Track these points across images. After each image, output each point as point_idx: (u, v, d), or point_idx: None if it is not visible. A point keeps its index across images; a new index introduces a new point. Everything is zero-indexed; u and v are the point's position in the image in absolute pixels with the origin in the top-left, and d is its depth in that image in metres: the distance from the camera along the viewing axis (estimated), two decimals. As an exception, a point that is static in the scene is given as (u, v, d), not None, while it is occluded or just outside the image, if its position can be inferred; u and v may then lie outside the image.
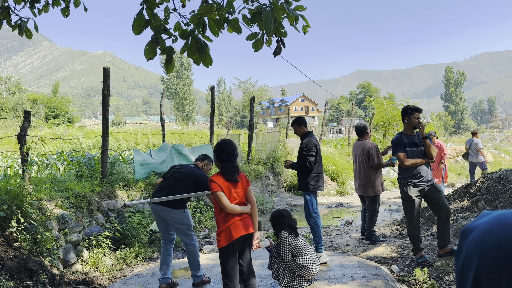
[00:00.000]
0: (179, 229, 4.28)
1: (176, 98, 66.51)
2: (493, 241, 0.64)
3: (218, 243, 3.28)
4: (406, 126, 4.98)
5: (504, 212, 0.69)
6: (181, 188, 4.30)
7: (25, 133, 5.69)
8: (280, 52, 3.37)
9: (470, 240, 0.69)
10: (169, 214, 4.21)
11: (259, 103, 72.58)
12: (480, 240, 0.67)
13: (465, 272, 0.68)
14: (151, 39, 3.17)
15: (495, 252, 0.63)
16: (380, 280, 4.20)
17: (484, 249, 0.65)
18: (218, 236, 3.27)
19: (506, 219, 0.66)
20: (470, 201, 6.36)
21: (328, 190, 12.79)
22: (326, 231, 7.41)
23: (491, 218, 0.69)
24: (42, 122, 24.82)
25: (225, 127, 31.87)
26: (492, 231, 0.66)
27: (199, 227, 8.11)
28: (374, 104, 21.89)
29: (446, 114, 64.15)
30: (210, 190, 3.30)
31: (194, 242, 4.36)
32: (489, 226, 0.67)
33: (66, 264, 5.20)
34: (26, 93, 44.93)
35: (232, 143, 3.44)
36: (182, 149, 9.68)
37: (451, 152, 20.32)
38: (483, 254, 0.65)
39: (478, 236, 0.68)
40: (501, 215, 0.68)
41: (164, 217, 4.26)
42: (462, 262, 0.69)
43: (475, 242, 0.68)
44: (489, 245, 0.64)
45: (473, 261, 0.66)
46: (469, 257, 0.67)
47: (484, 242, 0.66)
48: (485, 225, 0.68)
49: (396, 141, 4.94)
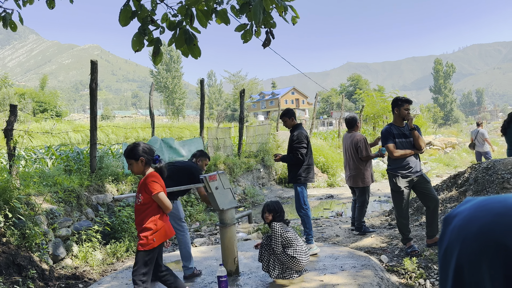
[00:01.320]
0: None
1: (166, 91, 65.99)
2: (475, 227, 0.64)
3: (148, 244, 3.19)
4: (396, 117, 5.01)
5: (485, 198, 0.69)
6: (172, 181, 4.27)
7: (12, 128, 5.61)
8: (269, 44, 3.35)
9: (452, 227, 0.69)
10: None
11: (250, 96, 72.42)
12: (461, 226, 0.67)
13: (447, 259, 0.68)
14: (138, 31, 3.13)
15: (476, 238, 0.63)
16: (369, 270, 4.24)
17: (466, 235, 0.65)
18: (152, 237, 3.19)
19: (487, 205, 0.66)
20: (458, 191, 6.44)
21: (318, 182, 12.85)
22: (316, 223, 7.45)
23: (473, 204, 0.69)
24: (30, 116, 24.49)
25: (215, 121, 31.76)
26: (474, 217, 0.66)
27: (190, 220, 8.10)
28: (364, 96, 22.01)
29: (435, 106, 64.64)
30: (152, 190, 3.20)
31: (185, 231, 4.37)
32: (471, 212, 0.67)
33: (55, 259, 5.16)
34: (13, 87, 44.15)
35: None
36: (172, 143, 9.64)
37: (439, 143, 20.51)
38: (465, 241, 0.65)
39: (460, 223, 0.68)
40: (482, 201, 0.68)
41: None
42: (444, 249, 0.69)
43: (457, 228, 0.68)
44: (471, 232, 0.64)
45: (455, 248, 0.66)
46: (451, 244, 0.68)
47: (466, 228, 0.66)
48: (467, 211, 0.68)
49: (385, 132, 4.97)
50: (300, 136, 5.15)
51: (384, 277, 4.18)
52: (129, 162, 3.31)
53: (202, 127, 10.99)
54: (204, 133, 11.06)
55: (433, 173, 14.19)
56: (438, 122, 54.47)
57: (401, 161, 4.90)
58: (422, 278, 4.28)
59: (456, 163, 16.58)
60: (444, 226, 0.72)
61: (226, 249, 4.32)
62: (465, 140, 23.14)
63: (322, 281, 3.97)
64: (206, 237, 6.83)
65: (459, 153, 19.21)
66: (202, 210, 8.50)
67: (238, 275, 4.34)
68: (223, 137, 12.43)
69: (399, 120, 5.00)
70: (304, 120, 45.29)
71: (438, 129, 37.56)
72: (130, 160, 3.30)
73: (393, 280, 4.31)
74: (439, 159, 17.14)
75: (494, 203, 0.66)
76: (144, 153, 3.31)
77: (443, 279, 0.69)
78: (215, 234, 6.99)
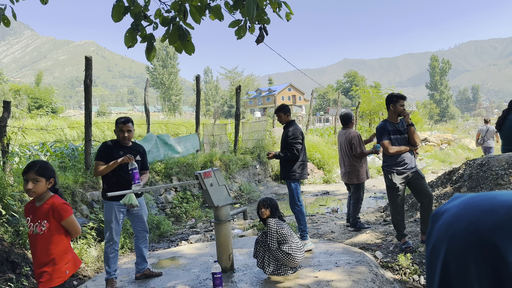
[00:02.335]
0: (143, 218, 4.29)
1: (163, 88, 65.82)
2: (462, 224, 0.64)
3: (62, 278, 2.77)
4: (391, 114, 5.01)
5: (474, 195, 0.69)
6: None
7: (5, 124, 5.58)
8: (262, 40, 3.34)
9: (440, 224, 0.69)
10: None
11: (246, 92, 72.35)
12: (450, 223, 0.67)
13: (434, 256, 0.68)
14: (131, 26, 3.11)
15: (464, 235, 0.63)
16: (364, 266, 4.25)
17: (454, 232, 0.65)
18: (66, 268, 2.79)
19: (475, 202, 0.66)
20: (453, 188, 6.46)
21: (314, 178, 12.87)
22: (312, 219, 7.47)
23: (461, 201, 0.69)
24: (25, 113, 24.37)
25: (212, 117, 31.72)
26: (462, 214, 0.66)
27: (186, 217, 8.10)
28: (360, 93, 22.04)
29: (431, 103, 64.88)
30: (65, 214, 2.77)
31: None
32: (459, 209, 0.67)
33: (50, 256, 5.15)
34: (8, 83, 43.91)
35: None
36: (167, 139, 9.62)
37: (435, 140, 20.58)
38: (452, 238, 0.65)
39: (448, 219, 0.68)
40: (470, 198, 0.68)
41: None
42: (432, 246, 0.69)
43: (445, 225, 0.68)
44: (458, 229, 0.64)
45: (443, 245, 0.66)
46: (439, 241, 0.67)
47: (454, 225, 0.66)
48: (455, 208, 0.68)
49: (380, 129, 4.96)
50: (295, 132, 5.14)
51: (379, 273, 4.19)
52: (36, 179, 2.69)
53: (198, 124, 10.97)
54: (200, 130, 11.04)
55: (428, 169, 14.24)
56: (434, 119, 54.65)
57: (396, 158, 4.90)
58: (416, 274, 4.30)
59: (452, 160, 16.65)
60: (432, 222, 0.72)
61: (221, 246, 4.32)
62: (460, 137, 23.24)
63: (316, 277, 3.98)
64: (201, 233, 6.83)
65: (455, 149, 19.30)
66: (197, 206, 8.49)
67: (233, 272, 4.34)
68: (219, 133, 12.41)
69: (394, 116, 5.00)
70: (300, 117, 45.32)
71: (434, 126, 37.69)
72: (39, 177, 2.71)
73: (387, 276, 4.33)
74: (434, 155, 17.20)
75: (482, 200, 0.66)
76: (54, 173, 2.84)
77: (430, 275, 0.69)
78: (211, 230, 7.00)
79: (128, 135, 4.09)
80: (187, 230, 7.29)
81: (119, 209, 4.03)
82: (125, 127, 4.07)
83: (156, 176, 8.30)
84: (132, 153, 4.10)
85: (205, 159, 9.89)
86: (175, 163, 8.95)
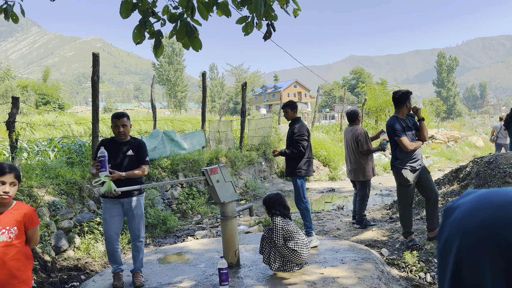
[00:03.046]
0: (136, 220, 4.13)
1: (168, 84, 65.90)
2: (476, 220, 0.64)
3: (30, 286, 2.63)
4: (404, 110, 4.97)
5: (487, 191, 0.68)
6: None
7: (14, 120, 5.63)
8: (270, 36, 3.33)
9: (452, 219, 0.69)
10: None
11: (252, 89, 72.27)
12: (462, 219, 0.66)
13: (446, 251, 0.67)
14: (139, 23, 3.12)
15: (477, 231, 0.63)
16: (370, 263, 4.25)
17: (466, 228, 0.64)
18: (32, 279, 2.66)
19: (489, 198, 0.66)
20: (460, 185, 6.43)
21: (320, 175, 12.86)
22: (317, 216, 7.47)
23: (474, 197, 0.69)
24: (32, 109, 24.55)
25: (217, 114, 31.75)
26: (475, 210, 0.65)
27: (192, 213, 8.14)
28: (367, 90, 21.93)
29: (438, 100, 64.42)
30: (37, 221, 2.65)
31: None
32: (472, 205, 0.67)
33: (58, 251, 5.20)
34: (16, 79, 44.23)
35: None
36: (173, 136, 9.65)
37: (442, 137, 20.46)
38: (465, 233, 0.64)
39: (460, 215, 0.67)
40: (484, 194, 0.68)
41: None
42: (443, 241, 0.69)
43: (457, 221, 0.67)
44: (471, 224, 0.64)
45: (455, 240, 0.66)
46: (451, 236, 0.67)
47: (467, 221, 0.65)
48: (468, 203, 0.68)
49: (398, 125, 4.86)
50: (301, 129, 5.15)
51: (385, 270, 4.19)
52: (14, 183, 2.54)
53: (204, 120, 10.99)
54: (206, 126, 11.06)
55: (435, 167, 14.17)
56: (440, 116, 54.30)
57: (410, 154, 4.88)
58: (422, 272, 4.30)
59: (458, 157, 16.55)
60: (444, 217, 0.72)
61: (227, 242, 4.34)
62: (467, 134, 23.07)
63: (322, 274, 3.99)
64: (207, 229, 6.86)
65: (462, 147, 19.17)
66: (203, 203, 8.53)
67: (239, 268, 4.36)
68: (225, 130, 12.43)
69: (405, 112, 4.99)
70: (306, 114, 45.21)
71: (440, 123, 37.45)
72: (17, 181, 2.57)
73: (393, 273, 4.33)
74: (441, 153, 17.11)
75: (496, 196, 0.65)
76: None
77: (441, 271, 0.69)
78: (217, 226, 7.02)
79: (123, 130, 4.00)
80: (193, 226, 7.32)
81: (112, 206, 3.99)
82: (119, 121, 3.98)
83: (163, 172, 8.34)
84: (124, 148, 4.01)
85: (211, 156, 9.91)
86: (181, 160, 8.98)
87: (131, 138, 4.16)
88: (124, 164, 3.97)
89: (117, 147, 4.02)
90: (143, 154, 4.10)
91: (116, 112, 4.12)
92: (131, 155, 4.02)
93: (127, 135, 4.07)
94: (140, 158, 4.08)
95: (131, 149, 4.04)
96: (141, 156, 4.09)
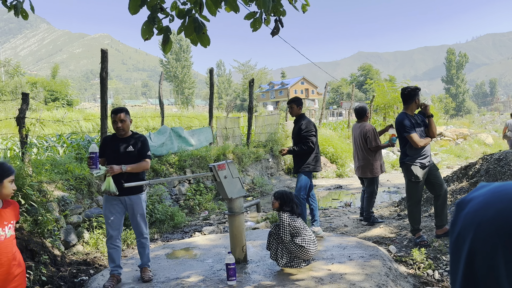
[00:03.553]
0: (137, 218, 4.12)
1: (176, 81, 66.09)
2: (490, 213, 0.63)
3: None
4: (413, 106, 4.95)
5: (501, 184, 0.67)
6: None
7: (24, 116, 5.68)
8: (278, 32, 3.33)
9: (466, 212, 0.68)
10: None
11: (259, 86, 72.19)
12: (476, 211, 0.66)
13: (459, 245, 0.67)
14: (147, 19, 3.12)
15: (492, 224, 0.62)
16: (377, 260, 4.24)
17: (481, 220, 0.64)
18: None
19: (503, 191, 0.65)
20: (469, 183, 6.38)
21: (327, 172, 12.83)
22: (325, 213, 7.46)
23: (488, 190, 0.68)
24: (41, 105, 24.76)
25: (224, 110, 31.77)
26: (489, 202, 0.65)
27: (199, 209, 8.17)
28: (375, 86, 21.82)
29: (447, 97, 63.83)
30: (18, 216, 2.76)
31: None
32: (486, 198, 0.66)
33: (67, 245, 5.26)
34: (25, 76, 44.62)
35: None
36: (181, 132, 9.69)
37: (451, 134, 20.29)
38: (479, 226, 0.63)
39: (474, 207, 0.67)
40: (498, 187, 0.67)
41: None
42: (456, 234, 0.68)
43: (471, 214, 0.67)
44: (486, 217, 0.63)
45: (469, 233, 0.65)
46: (464, 229, 0.66)
47: (481, 214, 0.64)
48: (482, 196, 0.67)
49: (408, 122, 4.84)
50: (308, 125, 5.15)
51: (392, 267, 4.18)
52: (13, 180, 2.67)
53: (211, 117, 11.01)
54: (213, 123, 11.08)
55: (443, 164, 14.06)
56: (449, 113, 53.86)
57: (420, 150, 4.87)
58: (430, 269, 4.28)
59: (468, 154, 16.40)
60: (457, 211, 0.71)
61: (235, 238, 4.36)
62: (477, 131, 22.85)
63: (329, 270, 3.99)
64: (215, 225, 6.89)
65: (471, 144, 18.99)
66: (210, 199, 8.56)
67: (246, 263, 4.38)
68: (232, 126, 12.44)
69: (414, 109, 4.97)
70: (313, 111, 45.07)
71: (449, 120, 37.14)
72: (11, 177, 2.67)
73: (401, 270, 4.32)
74: (450, 150, 16.97)
75: (510, 189, 0.65)
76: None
77: (454, 265, 0.68)
78: (224, 222, 7.05)
79: (121, 126, 3.93)
80: (200, 221, 7.35)
81: (112, 202, 3.97)
82: (117, 117, 3.92)
83: (170, 168, 8.37)
84: (124, 144, 3.97)
85: (218, 152, 9.93)
86: (188, 156, 9.01)
87: (132, 133, 4.11)
88: (124, 160, 3.90)
89: (118, 144, 3.98)
90: (144, 149, 4.03)
91: (116, 107, 4.09)
92: (131, 151, 3.96)
93: (126, 131, 4.02)
94: (141, 153, 4.01)
95: (132, 145, 3.99)
96: (142, 151, 4.01)
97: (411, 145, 4.85)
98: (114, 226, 4.02)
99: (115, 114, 3.94)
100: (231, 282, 3.80)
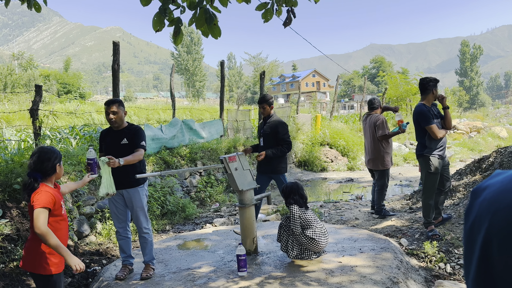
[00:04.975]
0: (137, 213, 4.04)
1: (187, 74, 66.19)
2: (507, 200, 0.61)
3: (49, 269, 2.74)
4: (430, 98, 4.89)
5: None
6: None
7: (37, 108, 5.75)
8: (290, 23, 3.30)
9: (481, 200, 0.66)
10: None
11: (270, 78, 71.91)
12: (492, 199, 0.64)
13: (474, 233, 0.65)
14: (159, 10, 3.12)
15: (509, 212, 0.60)
16: (389, 252, 4.22)
17: (497, 208, 0.62)
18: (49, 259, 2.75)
19: None
20: (483, 176, 6.30)
21: (338, 165, 12.78)
22: (335, 206, 7.44)
23: (505, 177, 0.66)
24: (54, 97, 25.04)
25: (235, 103, 31.76)
26: (506, 190, 0.63)
27: (210, 201, 8.22)
28: (387, 79, 21.57)
29: (460, 89, 62.85)
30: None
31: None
32: (503, 185, 0.64)
33: (80, 236, 5.34)
34: (38, 69, 45.18)
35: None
36: (192, 124, 9.72)
37: (464, 127, 20.01)
38: (496, 214, 0.62)
39: (490, 195, 0.65)
40: None
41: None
42: (471, 223, 0.67)
43: (487, 201, 0.65)
44: (503, 205, 0.61)
45: (484, 221, 0.63)
46: (480, 217, 0.65)
47: (497, 201, 0.63)
48: (499, 184, 0.65)
49: (426, 112, 4.78)
50: (284, 127, 5.27)
51: (404, 260, 4.16)
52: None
53: (222, 109, 11.02)
54: (224, 115, 11.09)
55: (456, 157, 13.89)
56: (463, 106, 53.08)
57: (438, 142, 4.83)
58: (442, 262, 4.25)
59: (481, 148, 16.17)
60: (472, 199, 0.69)
61: (245, 229, 4.38)
62: (491, 125, 22.49)
63: (340, 263, 3.99)
64: (225, 217, 6.92)
65: (485, 137, 18.71)
66: (221, 191, 8.59)
67: (257, 255, 4.40)
68: (243, 119, 12.44)
69: (431, 100, 4.92)
70: (325, 103, 44.80)
71: (463, 113, 36.60)
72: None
73: (412, 263, 4.29)
74: (463, 143, 16.75)
75: None
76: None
77: (468, 254, 0.67)
78: (235, 214, 7.08)
79: (114, 118, 3.83)
80: (211, 213, 7.40)
81: (114, 197, 3.95)
82: (109, 108, 3.84)
83: (182, 160, 8.42)
84: (118, 137, 3.88)
85: (229, 145, 9.95)
86: (199, 148, 9.05)
87: (128, 125, 4.00)
88: (120, 153, 3.74)
89: (112, 137, 3.93)
90: (137, 139, 3.88)
91: (109, 99, 4.01)
92: (125, 143, 3.85)
93: (119, 123, 3.91)
94: (135, 143, 3.87)
95: (125, 137, 3.88)
96: (136, 141, 3.87)
97: (430, 137, 4.78)
98: (119, 219, 4.04)
99: (108, 106, 3.86)
100: (241, 273, 3.82)
